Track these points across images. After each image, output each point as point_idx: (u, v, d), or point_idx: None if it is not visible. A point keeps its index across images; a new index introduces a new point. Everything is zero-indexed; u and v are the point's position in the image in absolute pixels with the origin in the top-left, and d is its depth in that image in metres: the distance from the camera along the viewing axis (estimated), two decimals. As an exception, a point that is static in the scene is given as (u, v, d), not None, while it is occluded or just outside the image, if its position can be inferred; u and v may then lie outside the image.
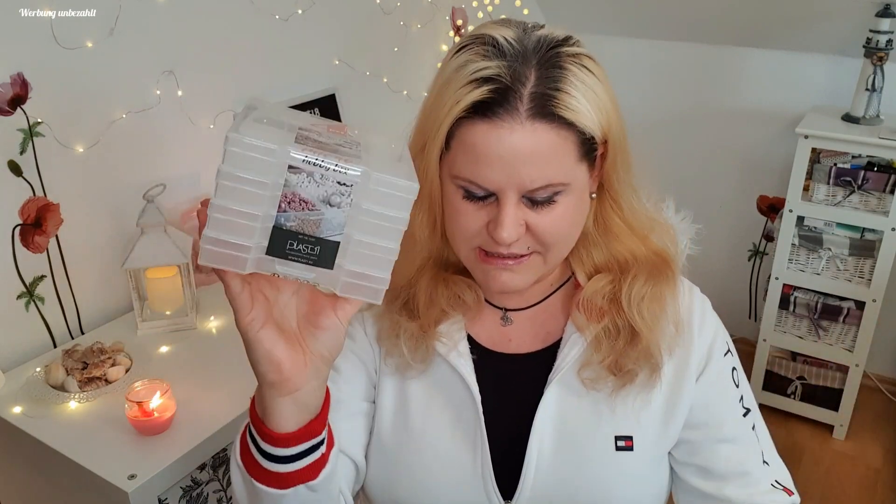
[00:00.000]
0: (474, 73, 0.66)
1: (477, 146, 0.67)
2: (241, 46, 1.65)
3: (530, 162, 0.67)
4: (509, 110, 0.66)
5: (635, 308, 0.78)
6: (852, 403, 2.31)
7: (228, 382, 1.26)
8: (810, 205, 2.18)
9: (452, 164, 0.70)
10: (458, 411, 0.81)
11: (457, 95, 0.67)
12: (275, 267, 0.55)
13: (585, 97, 0.67)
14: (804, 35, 2.27)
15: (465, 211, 0.71)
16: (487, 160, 0.67)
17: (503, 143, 0.66)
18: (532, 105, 0.66)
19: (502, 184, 0.68)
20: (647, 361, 0.78)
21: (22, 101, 1.27)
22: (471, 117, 0.67)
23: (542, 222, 0.70)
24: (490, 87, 0.66)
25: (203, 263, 0.54)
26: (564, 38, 0.70)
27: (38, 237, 1.34)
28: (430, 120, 0.70)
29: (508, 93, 0.66)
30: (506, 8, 2.31)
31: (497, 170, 0.67)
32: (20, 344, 1.35)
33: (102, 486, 1.05)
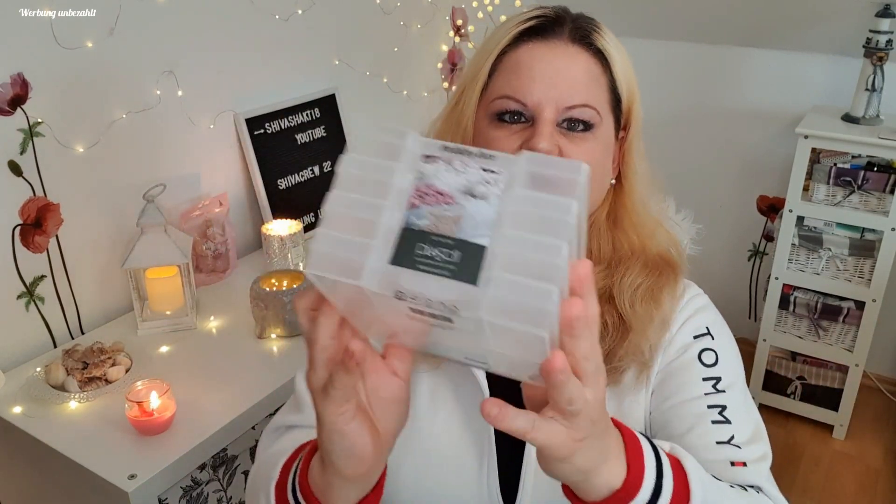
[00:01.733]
0: (520, 17, 0.74)
1: (521, 63, 0.72)
2: (241, 46, 1.65)
3: (570, 80, 0.71)
4: (555, 32, 0.72)
5: (627, 300, 0.77)
6: (852, 403, 2.31)
7: (228, 382, 1.26)
8: (810, 205, 2.18)
9: (491, 93, 0.74)
10: (467, 413, 0.79)
11: (503, 32, 0.74)
12: (400, 282, 0.40)
13: (617, 51, 0.74)
14: (804, 35, 2.27)
15: (498, 137, 0.73)
16: (530, 74, 0.71)
17: (546, 59, 0.71)
18: (574, 29, 0.73)
19: (542, 97, 0.71)
20: (635, 358, 0.76)
21: (22, 101, 1.27)
22: (516, 43, 0.73)
23: (575, 152, 0.72)
24: (536, 19, 0.73)
25: (311, 272, 0.42)
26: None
27: (39, 237, 1.34)
28: (471, 65, 0.76)
29: (554, 21, 0.73)
30: (506, 8, 2.31)
31: (538, 83, 0.71)
32: (20, 344, 1.35)
33: (102, 486, 1.05)
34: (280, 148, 1.77)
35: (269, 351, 1.36)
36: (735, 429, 0.74)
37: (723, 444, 0.72)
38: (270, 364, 1.32)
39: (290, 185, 1.79)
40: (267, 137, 1.73)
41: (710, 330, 0.80)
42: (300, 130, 1.82)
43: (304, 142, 1.83)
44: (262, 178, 1.71)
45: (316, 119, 1.85)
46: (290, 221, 1.65)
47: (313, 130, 1.85)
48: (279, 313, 1.35)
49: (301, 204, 1.82)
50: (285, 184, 1.78)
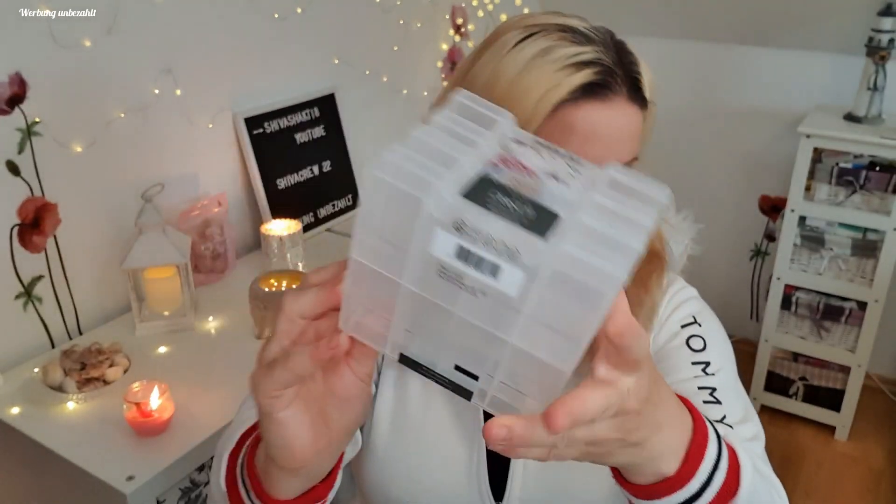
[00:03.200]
0: (570, 59, 0.66)
1: (583, 126, 0.67)
2: (240, 45, 1.65)
3: (626, 139, 0.69)
4: (616, 91, 0.67)
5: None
6: (854, 404, 2.30)
7: (227, 383, 1.25)
8: (812, 204, 2.17)
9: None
10: (457, 408, 0.80)
11: (553, 79, 0.65)
12: (464, 214, 0.37)
13: (650, 83, 0.72)
14: (806, 34, 2.27)
15: None
16: (593, 138, 0.67)
17: (611, 122, 0.67)
18: (628, 86, 0.68)
19: (596, 159, 0.68)
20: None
21: (20, 101, 1.26)
22: (575, 99, 0.66)
23: None
24: (595, 69, 0.66)
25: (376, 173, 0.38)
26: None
27: (36, 237, 1.33)
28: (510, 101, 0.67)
29: (610, 75, 0.67)
30: (506, 7, 2.31)
31: (600, 147, 0.68)
32: (18, 344, 1.35)
33: (100, 487, 1.05)
34: (279, 147, 1.76)
35: (268, 351, 1.35)
36: (726, 409, 0.74)
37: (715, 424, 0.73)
38: (269, 365, 1.31)
39: (289, 185, 1.78)
40: (266, 137, 1.73)
41: (696, 318, 0.82)
42: (299, 130, 1.81)
43: (304, 141, 1.82)
44: (261, 178, 1.71)
45: (315, 118, 1.85)
46: (289, 221, 1.64)
47: (312, 130, 1.84)
48: (278, 314, 1.34)
49: (300, 204, 1.81)
50: (284, 183, 1.77)
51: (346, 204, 1.95)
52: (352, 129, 1.96)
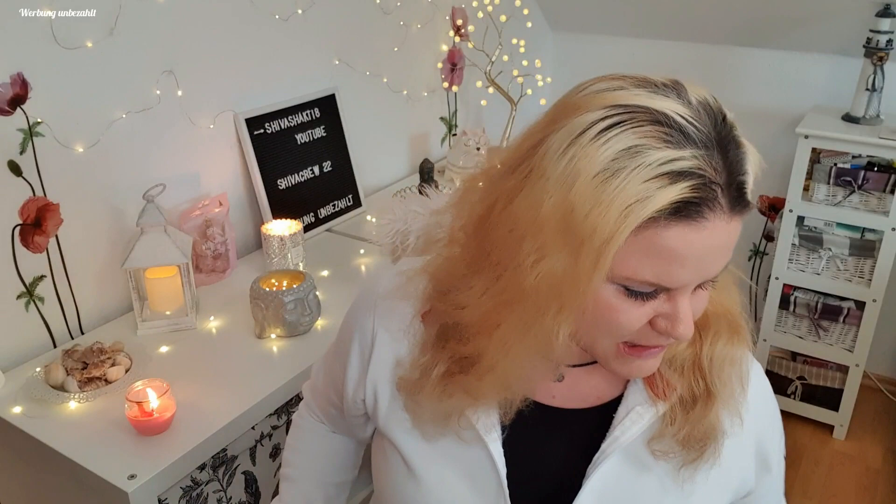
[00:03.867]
0: (662, 166, 0.54)
1: (672, 249, 0.56)
2: (241, 46, 1.65)
3: (721, 254, 0.60)
4: (714, 209, 0.56)
5: (717, 371, 0.70)
6: (852, 403, 2.31)
7: (228, 382, 1.26)
8: (810, 205, 2.18)
9: (621, 266, 0.58)
10: (474, 478, 0.73)
11: (640, 191, 0.54)
12: None
13: (754, 170, 0.60)
14: (804, 35, 2.27)
15: (625, 310, 0.61)
16: (682, 261, 0.57)
17: (706, 244, 0.57)
18: (730, 197, 0.57)
19: (689, 279, 0.60)
20: (714, 430, 0.71)
21: (22, 101, 1.26)
22: (665, 219, 0.55)
23: (698, 305, 0.64)
24: (688, 182, 0.54)
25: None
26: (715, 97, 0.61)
27: (38, 237, 1.34)
28: (586, 219, 0.56)
29: (711, 190, 0.55)
30: (506, 7, 2.31)
31: (689, 269, 0.58)
32: (20, 344, 1.35)
33: (102, 486, 1.05)
34: (280, 148, 1.77)
35: (268, 351, 1.36)
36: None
37: None
38: (270, 364, 1.32)
39: (289, 185, 1.79)
40: (267, 137, 1.73)
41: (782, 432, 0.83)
42: (300, 130, 1.82)
43: (304, 142, 1.83)
44: (262, 178, 1.71)
45: (316, 119, 1.85)
46: (289, 221, 1.64)
47: (313, 130, 1.85)
48: (279, 313, 1.35)
49: (301, 204, 1.82)
50: (285, 184, 1.78)
51: (346, 204, 1.95)
52: (352, 129, 1.96)
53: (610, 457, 0.71)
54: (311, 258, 1.68)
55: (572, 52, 2.77)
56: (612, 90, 0.59)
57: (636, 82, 0.59)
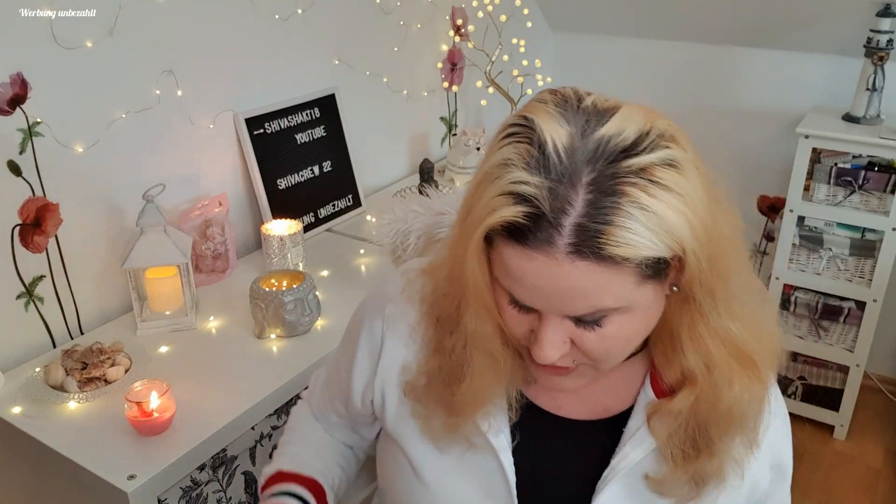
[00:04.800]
0: (511, 184, 0.56)
1: (511, 268, 0.59)
2: (241, 46, 1.65)
3: (570, 296, 0.58)
4: (544, 243, 0.55)
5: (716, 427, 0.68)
6: (853, 404, 2.30)
7: (228, 382, 1.26)
8: (811, 205, 2.17)
9: (494, 267, 0.62)
10: (483, 486, 0.73)
11: (492, 203, 0.57)
12: None
13: (649, 225, 0.55)
14: (805, 35, 2.27)
15: (511, 315, 0.64)
16: (522, 284, 0.59)
17: (538, 275, 0.57)
18: (573, 240, 0.55)
19: (540, 307, 0.60)
20: (718, 476, 0.70)
21: (21, 101, 1.26)
22: (505, 235, 0.58)
23: (590, 341, 0.62)
24: (525, 209, 0.56)
25: None
26: (635, 140, 0.57)
27: (38, 237, 1.34)
28: (470, 214, 0.61)
29: (544, 221, 0.55)
30: (506, 7, 2.31)
31: (533, 295, 0.59)
32: (19, 344, 1.35)
33: (102, 486, 1.05)
34: (280, 148, 1.77)
35: (268, 351, 1.36)
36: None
37: None
38: (270, 364, 1.32)
39: (289, 185, 1.79)
40: (267, 137, 1.73)
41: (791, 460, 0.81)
42: (300, 130, 1.81)
43: (304, 142, 1.83)
44: (262, 178, 1.71)
45: (316, 119, 1.85)
46: (289, 221, 1.64)
47: (313, 130, 1.85)
48: (279, 313, 1.35)
49: (301, 204, 1.82)
50: (285, 184, 1.78)
51: (346, 204, 1.95)
52: (352, 129, 1.96)
53: (619, 474, 0.71)
54: (311, 258, 1.68)
55: (572, 52, 2.77)
56: (537, 101, 0.61)
57: (560, 100, 0.60)
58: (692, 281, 0.61)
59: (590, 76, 2.75)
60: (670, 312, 0.65)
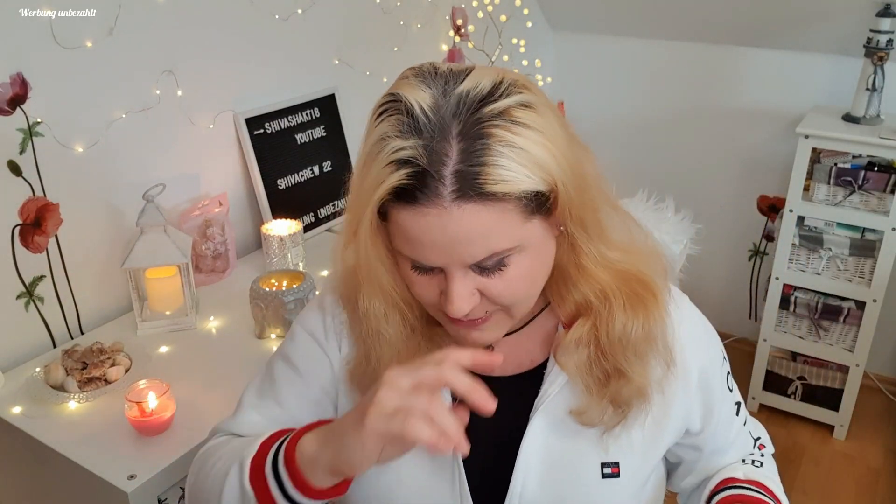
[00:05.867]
0: (391, 154, 0.61)
1: (408, 230, 0.63)
2: (240, 46, 1.65)
3: (466, 241, 0.62)
4: (431, 196, 0.61)
5: (620, 353, 0.73)
6: (853, 403, 2.31)
7: (228, 382, 1.26)
8: (811, 205, 2.18)
9: (393, 240, 0.67)
10: (430, 456, 0.78)
11: (378, 176, 0.62)
12: None
13: (519, 160, 0.61)
14: (804, 35, 2.27)
15: (418, 282, 0.69)
16: (421, 243, 0.64)
17: (432, 229, 0.62)
18: (456, 186, 0.60)
19: (443, 262, 0.65)
20: (639, 398, 0.75)
21: (21, 101, 1.26)
22: (395, 202, 0.63)
23: (496, 287, 0.67)
24: (407, 170, 0.61)
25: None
26: (490, 89, 0.63)
27: (38, 237, 1.34)
28: (359, 195, 0.66)
29: (427, 176, 0.60)
30: (506, 7, 2.31)
31: (433, 252, 0.64)
32: (20, 344, 1.35)
33: (102, 486, 1.05)
34: (280, 148, 1.77)
35: (268, 351, 1.36)
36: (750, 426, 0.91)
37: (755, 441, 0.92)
38: (270, 364, 1.32)
39: (289, 185, 1.79)
40: (266, 137, 1.73)
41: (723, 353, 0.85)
42: (300, 130, 1.82)
43: (304, 142, 1.83)
44: (262, 178, 1.71)
45: (316, 119, 1.85)
46: (289, 221, 1.64)
47: (313, 130, 1.85)
48: (279, 313, 1.35)
49: (301, 204, 1.82)
50: (285, 184, 1.78)
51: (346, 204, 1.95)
52: (352, 129, 1.96)
53: (541, 412, 0.77)
54: (311, 258, 1.68)
55: (572, 52, 2.77)
56: (401, 78, 0.68)
57: (419, 72, 0.66)
58: (564, 212, 0.66)
59: (590, 76, 2.75)
60: (556, 252, 0.71)
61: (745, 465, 0.88)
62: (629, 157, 2.74)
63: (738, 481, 0.84)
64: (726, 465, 0.88)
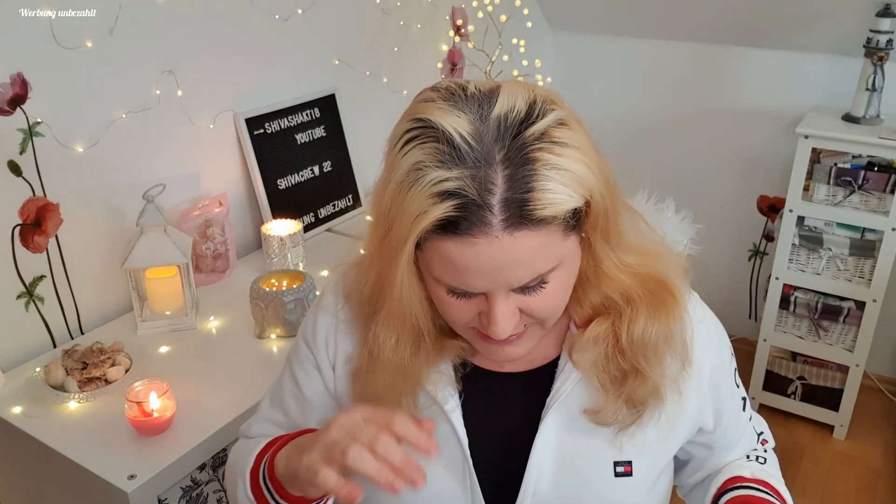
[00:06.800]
0: (434, 185, 0.59)
1: (453, 259, 0.62)
2: (240, 46, 1.65)
3: (514, 266, 0.62)
4: (479, 225, 0.59)
5: (640, 352, 0.73)
6: (852, 403, 2.31)
7: (228, 382, 1.26)
8: (810, 205, 2.17)
9: (430, 267, 0.66)
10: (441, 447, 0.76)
11: (419, 206, 0.60)
12: None
13: (563, 181, 0.60)
14: (804, 35, 2.27)
15: (454, 305, 0.68)
16: (468, 271, 0.63)
17: (481, 257, 0.61)
18: (506, 215, 0.59)
19: (487, 288, 0.64)
20: (654, 397, 0.75)
21: (22, 101, 1.26)
22: (439, 232, 0.61)
23: (536, 304, 0.67)
24: (454, 202, 0.59)
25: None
26: (527, 110, 0.62)
27: (38, 237, 1.34)
28: (393, 225, 0.63)
29: (475, 207, 0.59)
30: (506, 7, 2.31)
31: (480, 278, 0.63)
32: (20, 344, 1.35)
33: (102, 486, 1.05)
34: (280, 148, 1.77)
35: (268, 351, 1.36)
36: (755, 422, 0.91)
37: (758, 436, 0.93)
38: (270, 364, 1.32)
39: (289, 185, 1.79)
40: (267, 137, 1.73)
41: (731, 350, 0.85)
42: (300, 130, 1.82)
43: (304, 142, 1.83)
44: (262, 178, 1.71)
45: (316, 119, 1.85)
46: (289, 221, 1.65)
47: (313, 130, 1.85)
48: (279, 313, 1.35)
49: (301, 204, 1.82)
50: (285, 184, 1.78)
51: (346, 204, 1.95)
52: (352, 129, 1.96)
53: (554, 409, 0.76)
54: (311, 258, 1.68)
55: (572, 52, 2.77)
56: (423, 101, 0.65)
57: (447, 94, 0.64)
58: (595, 222, 0.66)
59: (590, 76, 2.75)
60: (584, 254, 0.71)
61: (751, 463, 0.88)
62: (629, 157, 2.73)
63: (746, 480, 0.84)
64: (731, 462, 0.88)
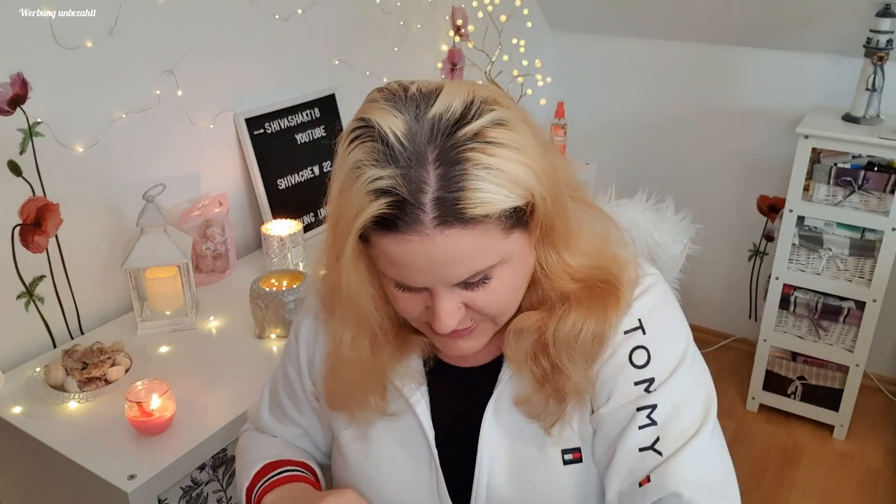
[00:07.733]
0: (369, 183, 0.61)
1: (391, 255, 0.64)
2: (240, 46, 1.65)
3: (450, 263, 0.63)
4: (412, 223, 0.61)
5: (563, 351, 0.73)
6: (852, 403, 2.31)
7: (228, 382, 1.26)
8: (810, 205, 2.17)
9: (377, 262, 0.68)
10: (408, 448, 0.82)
11: (358, 204, 0.62)
12: None
13: (497, 181, 0.61)
14: (804, 35, 2.27)
15: (403, 299, 0.70)
16: (406, 267, 0.64)
17: (416, 254, 0.63)
18: (437, 213, 0.61)
19: (428, 283, 0.66)
20: (576, 395, 0.75)
21: (21, 101, 1.27)
22: (377, 229, 0.63)
23: (482, 299, 0.68)
24: (387, 200, 0.61)
25: None
26: (462, 111, 0.62)
27: (38, 237, 1.34)
28: (339, 223, 0.66)
29: (407, 205, 0.60)
30: (506, 7, 2.31)
31: (418, 274, 0.65)
32: (20, 344, 1.35)
33: (102, 486, 1.05)
34: (280, 148, 1.77)
35: (268, 351, 1.36)
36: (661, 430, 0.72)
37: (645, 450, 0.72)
38: (270, 364, 1.32)
39: (289, 185, 1.79)
40: (267, 137, 1.73)
41: (641, 322, 0.75)
42: (300, 130, 1.82)
43: (304, 142, 1.83)
44: (262, 178, 1.71)
45: (316, 119, 1.85)
46: (289, 221, 1.65)
47: (313, 130, 1.85)
48: (279, 313, 1.35)
49: (301, 204, 1.82)
50: (285, 184, 1.78)
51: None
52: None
53: (494, 406, 0.78)
54: (311, 258, 1.68)
55: (572, 52, 2.77)
56: (369, 101, 0.67)
57: (389, 95, 0.65)
58: (537, 223, 0.67)
59: (590, 76, 2.75)
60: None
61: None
62: (629, 157, 2.74)
63: None
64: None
